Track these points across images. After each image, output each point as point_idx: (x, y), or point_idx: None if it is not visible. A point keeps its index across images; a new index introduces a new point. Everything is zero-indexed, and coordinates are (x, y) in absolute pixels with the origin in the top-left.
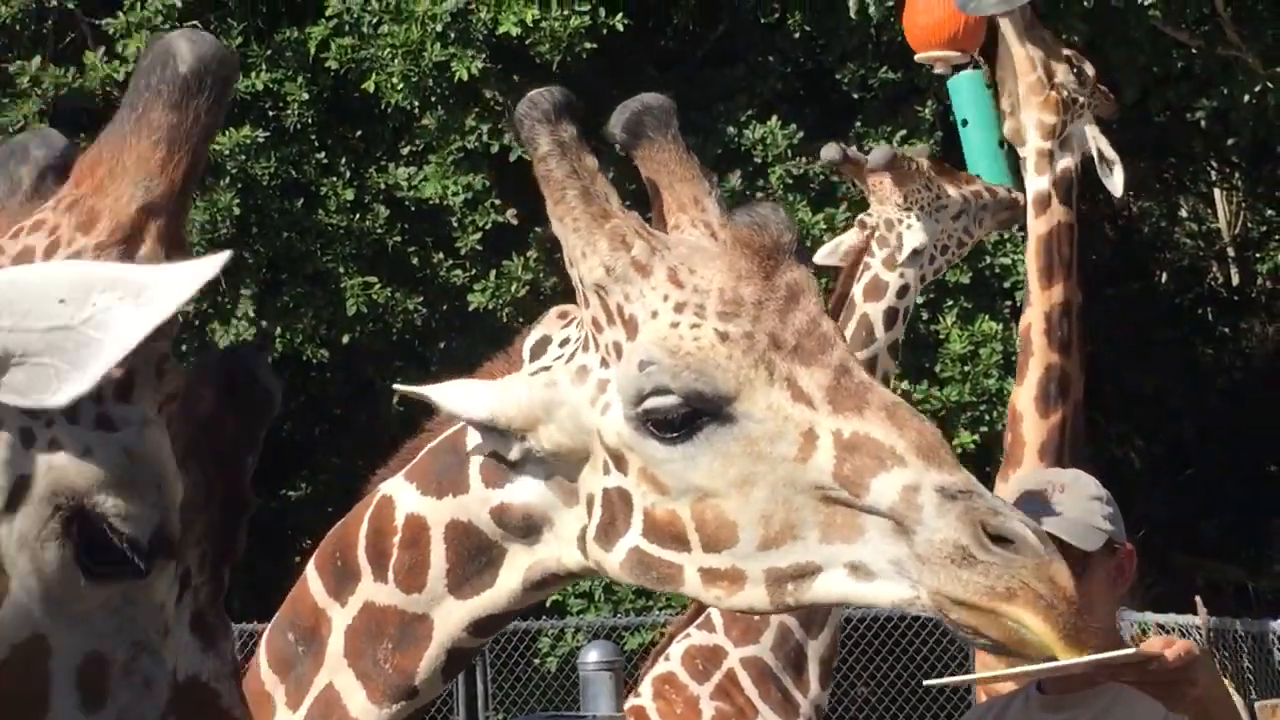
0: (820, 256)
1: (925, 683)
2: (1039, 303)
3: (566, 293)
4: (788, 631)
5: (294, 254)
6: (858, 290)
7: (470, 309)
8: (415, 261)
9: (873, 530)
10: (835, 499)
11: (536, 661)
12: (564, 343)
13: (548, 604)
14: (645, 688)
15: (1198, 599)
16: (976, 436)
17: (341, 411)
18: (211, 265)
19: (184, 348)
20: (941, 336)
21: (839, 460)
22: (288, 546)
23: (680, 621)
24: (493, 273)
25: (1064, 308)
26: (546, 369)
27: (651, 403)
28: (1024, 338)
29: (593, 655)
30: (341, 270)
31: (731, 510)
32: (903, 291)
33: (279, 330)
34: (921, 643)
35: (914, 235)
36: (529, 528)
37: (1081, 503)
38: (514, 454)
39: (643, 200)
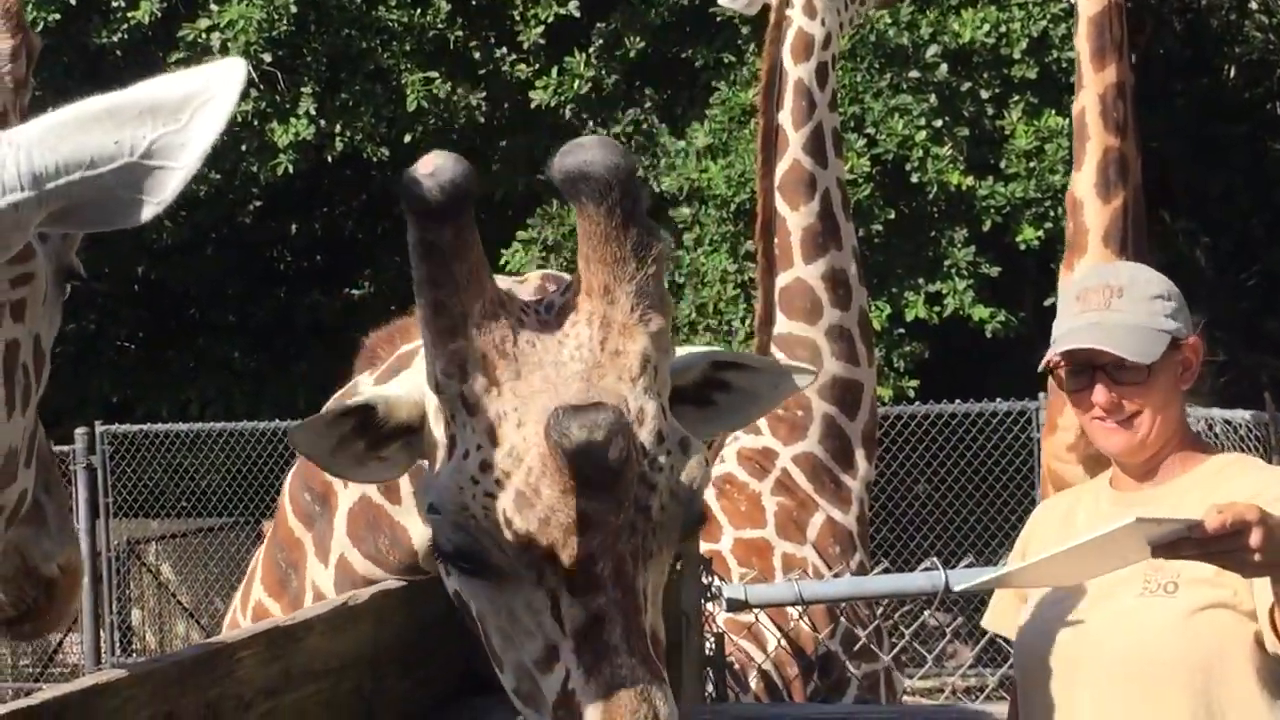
0: (729, 2)
1: (952, 589)
2: (1092, 85)
3: (629, 90)
4: (831, 421)
5: (353, 51)
6: (785, 53)
7: (533, 106)
8: (477, 56)
9: None
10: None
11: None
12: None
13: None
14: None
15: (1267, 395)
16: (1041, 232)
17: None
18: (233, 69)
19: (244, 148)
20: (1007, 132)
21: (558, 702)
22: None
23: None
24: (555, 69)
25: (1118, 89)
26: None
27: (437, 540)
28: (1078, 122)
29: None
30: (402, 67)
31: (498, 648)
32: (827, 41)
33: (339, 129)
34: (985, 439)
35: None
36: None
37: (1141, 305)
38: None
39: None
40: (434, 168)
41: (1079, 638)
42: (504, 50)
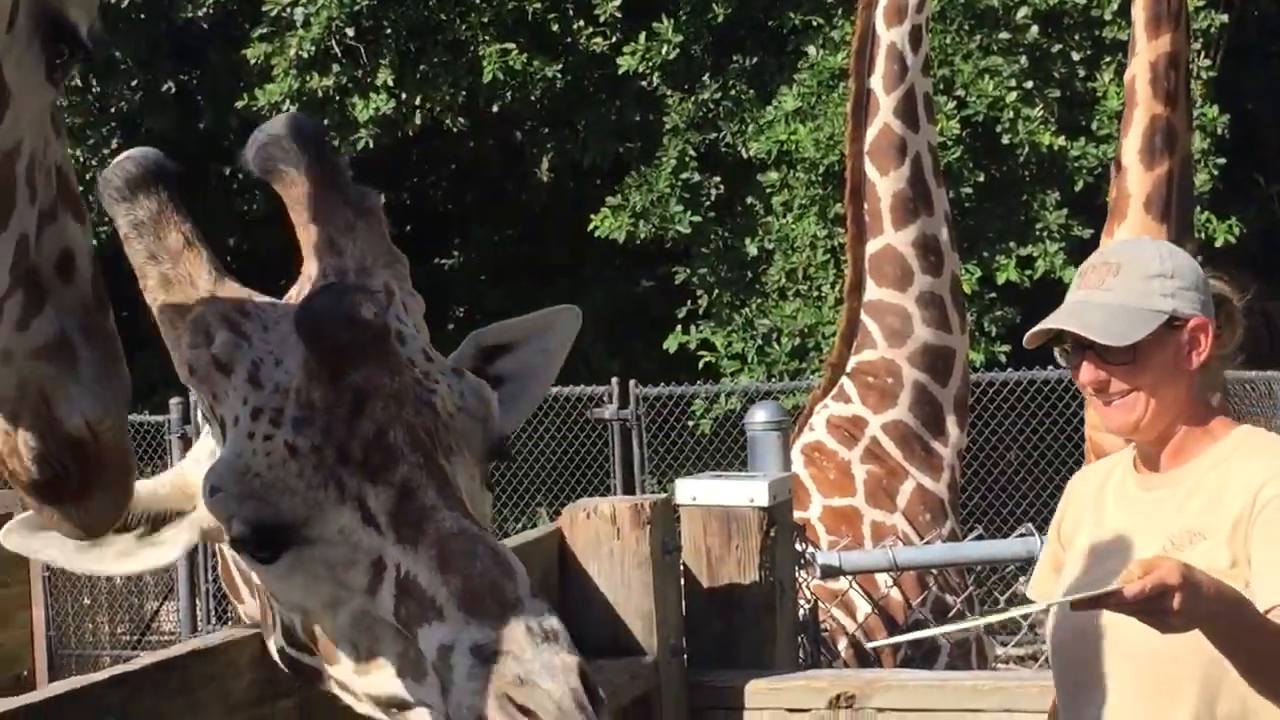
0: None
1: (868, 645)
2: (1145, 52)
3: (718, 58)
4: (922, 388)
5: (432, 23)
6: (878, 17)
7: (620, 73)
8: (555, 29)
9: (432, 676)
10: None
11: (691, 424)
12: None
13: (700, 367)
14: (795, 455)
15: None
16: None
17: (492, 179)
18: None
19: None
20: (1099, 94)
21: (397, 601)
22: (443, 315)
23: (816, 394)
24: (643, 34)
25: (1170, 58)
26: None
27: (232, 530)
28: (1129, 89)
29: (760, 415)
30: (480, 39)
31: (328, 630)
32: (921, 4)
33: (418, 101)
34: (1079, 405)
35: None
36: None
37: (1135, 285)
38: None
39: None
40: (127, 155)
41: (1098, 627)
42: (581, 22)
